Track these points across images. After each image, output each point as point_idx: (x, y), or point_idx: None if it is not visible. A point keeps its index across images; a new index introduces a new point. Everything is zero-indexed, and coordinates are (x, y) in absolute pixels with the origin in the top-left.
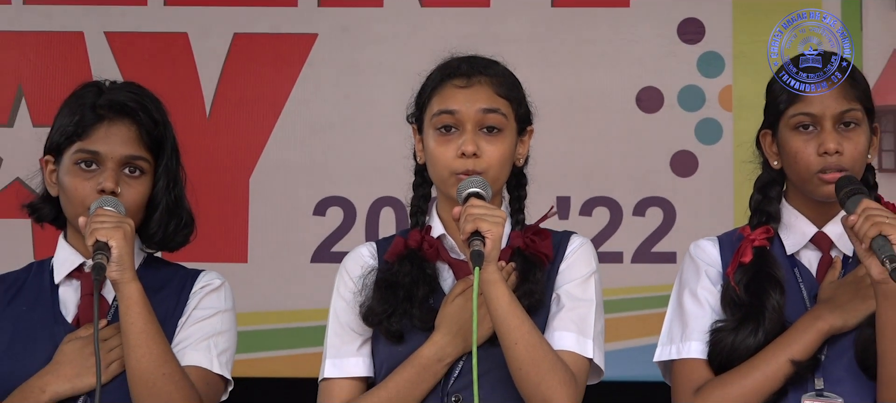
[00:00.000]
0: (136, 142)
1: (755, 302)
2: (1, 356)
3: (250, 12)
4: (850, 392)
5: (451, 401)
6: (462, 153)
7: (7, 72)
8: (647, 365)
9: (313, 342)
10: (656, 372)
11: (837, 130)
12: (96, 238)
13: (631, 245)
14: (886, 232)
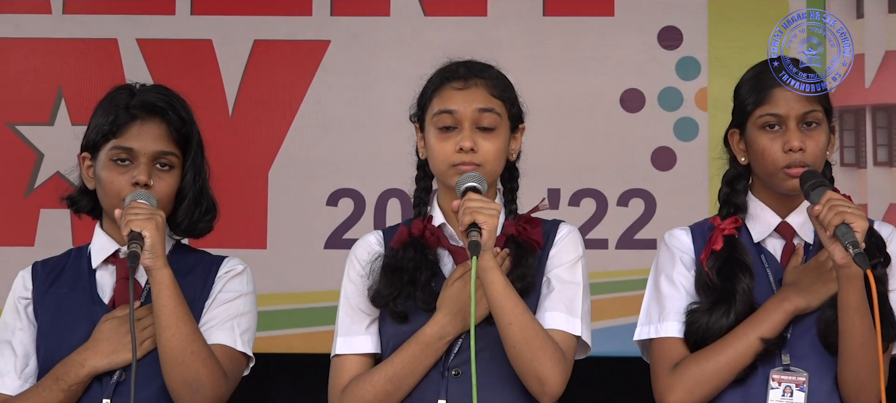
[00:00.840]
0: (165, 138)
1: (727, 286)
2: (43, 334)
3: (269, 21)
4: (814, 366)
5: (451, 375)
6: (460, 148)
7: (48, 76)
8: (631, 342)
9: (326, 321)
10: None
11: (801, 129)
12: (131, 228)
13: (615, 232)
14: (849, 221)
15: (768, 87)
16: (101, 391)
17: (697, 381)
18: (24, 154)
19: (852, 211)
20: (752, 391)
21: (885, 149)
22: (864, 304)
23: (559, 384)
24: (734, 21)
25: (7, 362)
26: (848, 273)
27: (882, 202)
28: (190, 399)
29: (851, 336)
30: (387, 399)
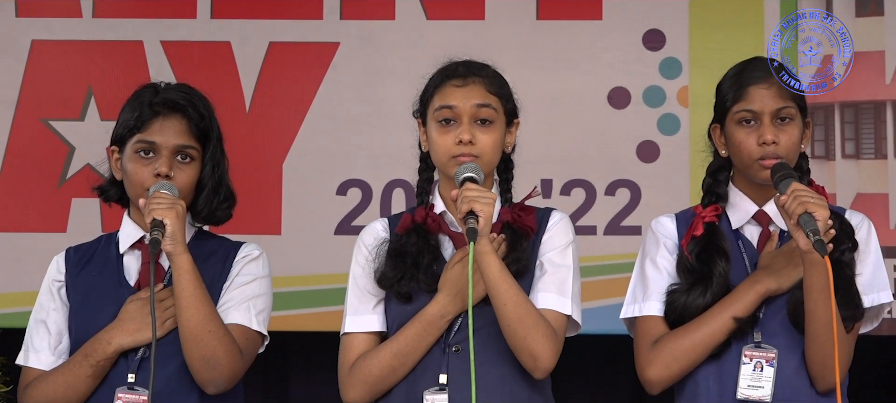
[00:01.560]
0: (186, 133)
1: (705, 269)
2: (74, 314)
3: (283, 24)
4: (783, 344)
5: (451, 352)
6: (459, 141)
7: (79, 75)
8: (619, 321)
9: (337, 301)
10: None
11: (775, 124)
12: (153, 217)
13: (603, 220)
14: (811, 210)
15: (745, 86)
16: (126, 366)
17: (675, 356)
18: (56, 147)
19: (814, 201)
20: (726, 366)
21: (853, 142)
22: (827, 287)
23: (551, 359)
24: (713, 25)
25: (42, 340)
26: (811, 258)
27: (849, 192)
28: (208, 376)
29: (816, 317)
30: (392, 373)
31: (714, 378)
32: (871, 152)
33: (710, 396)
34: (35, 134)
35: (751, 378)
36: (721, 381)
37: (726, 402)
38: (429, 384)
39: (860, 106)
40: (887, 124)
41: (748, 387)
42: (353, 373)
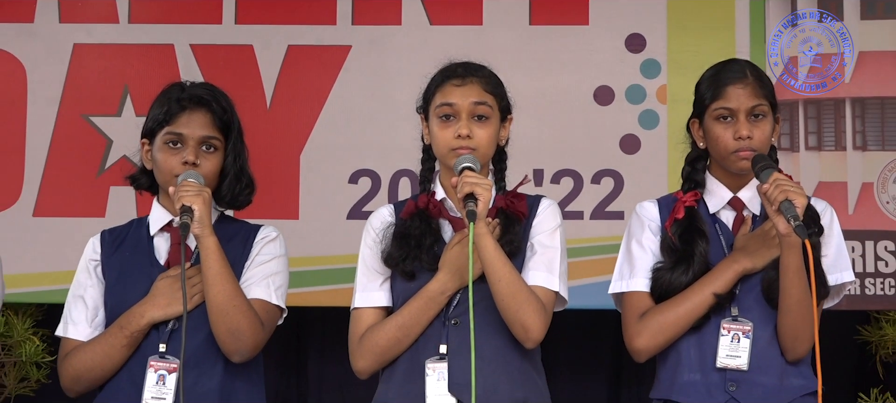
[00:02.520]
0: (210, 125)
1: (686, 249)
2: (110, 290)
3: (301, 29)
4: (758, 318)
5: (451, 324)
6: (458, 135)
7: (116, 75)
8: (602, 297)
9: (347, 279)
10: (609, 302)
11: (749, 120)
12: (182, 203)
13: (589, 205)
14: (791, 197)
15: (722, 85)
16: (158, 337)
17: (660, 328)
18: (96, 140)
19: (794, 190)
20: (706, 337)
21: (815, 136)
22: (802, 267)
23: (540, 331)
24: (689, 29)
25: (80, 313)
26: (789, 241)
27: (812, 180)
28: (234, 346)
29: (790, 293)
30: (397, 344)
31: (695, 349)
32: (831, 145)
33: (691, 365)
34: (76, 128)
35: (728, 349)
36: (701, 351)
37: (706, 370)
38: (430, 353)
39: (822, 103)
40: (846, 119)
41: (726, 357)
42: (362, 344)
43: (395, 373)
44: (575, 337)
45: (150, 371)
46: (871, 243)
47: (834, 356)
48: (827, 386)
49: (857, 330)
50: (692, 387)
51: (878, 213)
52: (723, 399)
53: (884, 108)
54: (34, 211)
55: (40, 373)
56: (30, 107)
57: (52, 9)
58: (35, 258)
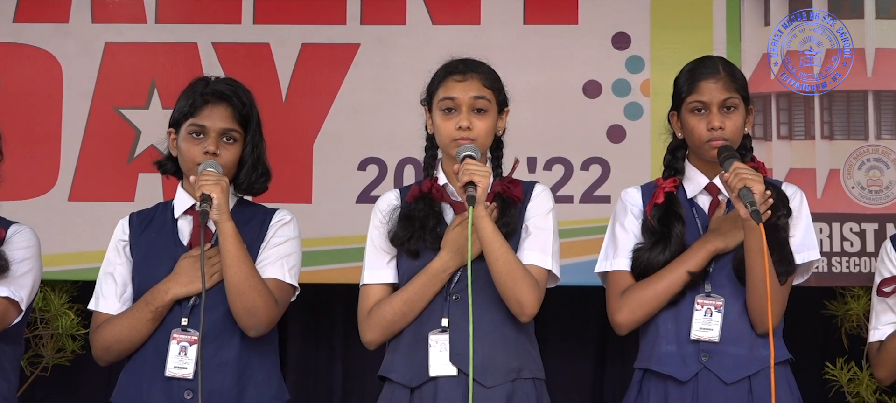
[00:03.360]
0: (230, 118)
1: (664, 231)
2: (137, 268)
3: (313, 28)
4: (729, 293)
5: (451, 300)
6: (459, 126)
7: (144, 70)
8: (591, 275)
9: (357, 259)
10: (597, 280)
11: (721, 112)
12: (202, 191)
13: (578, 190)
14: (749, 185)
15: (697, 80)
16: (180, 312)
17: (640, 303)
18: (126, 131)
19: (752, 178)
20: (682, 311)
21: (786, 126)
22: (762, 248)
23: (534, 306)
24: (670, 28)
25: (110, 289)
26: (749, 224)
27: (784, 167)
28: (250, 322)
29: (754, 272)
30: (402, 318)
31: (672, 322)
32: (801, 134)
33: (668, 337)
34: (108, 120)
35: (702, 322)
36: (678, 324)
37: (682, 342)
38: (433, 326)
39: (792, 96)
40: (815, 111)
41: (700, 329)
42: (371, 317)
43: (400, 344)
44: (565, 313)
45: (173, 343)
46: (837, 225)
47: (803, 329)
48: (797, 357)
49: (824, 304)
50: (669, 357)
51: (844, 197)
52: (697, 369)
53: (849, 102)
54: (69, 196)
55: (75, 344)
56: (65, 101)
57: (86, 10)
58: (70, 239)
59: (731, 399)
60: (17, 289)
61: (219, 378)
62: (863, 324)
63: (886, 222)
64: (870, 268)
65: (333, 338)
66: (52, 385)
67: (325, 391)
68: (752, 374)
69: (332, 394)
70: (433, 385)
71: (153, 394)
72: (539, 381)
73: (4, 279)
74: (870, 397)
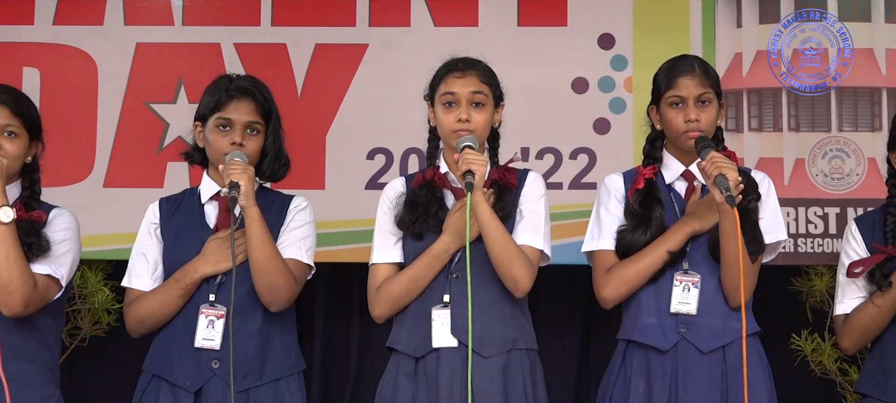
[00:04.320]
0: (254, 112)
1: (645, 214)
2: (167, 249)
3: (326, 30)
4: (705, 271)
5: (452, 278)
6: (459, 119)
7: (172, 68)
8: (578, 255)
9: (366, 240)
10: (584, 259)
11: (697, 106)
12: (231, 179)
13: (567, 178)
14: (724, 172)
15: (675, 77)
16: (208, 289)
17: (622, 280)
18: (156, 123)
19: (726, 165)
20: (662, 287)
21: (757, 119)
22: (736, 230)
23: (528, 282)
24: (651, 30)
25: (142, 267)
26: (724, 208)
27: (754, 156)
28: (272, 298)
29: (727, 251)
30: (408, 294)
31: (653, 297)
32: (770, 127)
33: (650, 310)
34: (139, 113)
35: (680, 297)
36: (658, 299)
37: (662, 315)
38: (435, 302)
39: (762, 92)
40: (783, 106)
41: (679, 304)
42: (379, 294)
43: (406, 318)
44: (555, 289)
45: (202, 317)
46: (802, 209)
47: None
48: (765, 329)
49: (790, 281)
50: (650, 329)
51: (808, 184)
52: (676, 340)
53: (813, 97)
54: (104, 183)
55: (110, 318)
56: (100, 97)
57: (118, 13)
58: (105, 222)
59: (706, 366)
60: (57, 267)
61: (243, 348)
62: (826, 299)
63: (847, 206)
64: (832, 249)
65: (349, 313)
66: (90, 355)
67: (342, 360)
68: (726, 344)
69: (348, 363)
70: (436, 356)
71: (183, 364)
72: (532, 351)
73: (46, 258)
74: (831, 365)
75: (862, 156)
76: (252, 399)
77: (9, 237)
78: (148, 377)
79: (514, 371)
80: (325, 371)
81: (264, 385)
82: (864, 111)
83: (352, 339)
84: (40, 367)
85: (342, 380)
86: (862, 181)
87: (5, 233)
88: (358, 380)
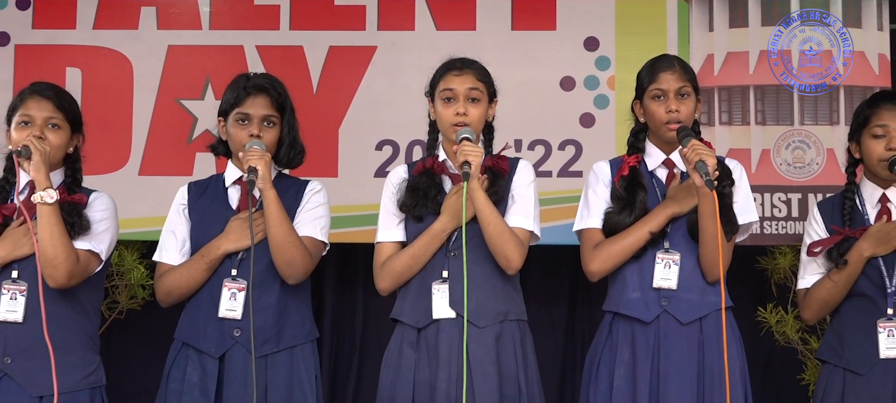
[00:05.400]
0: (269, 106)
1: (630, 197)
2: (194, 228)
3: (339, 34)
4: (684, 250)
5: (450, 256)
6: (457, 113)
7: (200, 68)
8: (565, 236)
9: (374, 222)
10: (572, 239)
11: (677, 98)
12: (249, 164)
13: (556, 166)
14: (704, 158)
15: (657, 72)
16: (230, 264)
17: (608, 256)
18: (185, 118)
19: (706, 153)
20: (645, 264)
21: (726, 113)
22: (714, 212)
23: (519, 261)
24: (632, 33)
25: (171, 244)
26: (703, 192)
27: (724, 147)
28: (289, 272)
29: (706, 231)
30: (410, 270)
31: (636, 273)
32: (739, 120)
33: (634, 285)
34: (171, 109)
35: (662, 273)
36: (641, 275)
37: (645, 289)
38: (435, 277)
39: (731, 89)
40: (750, 102)
41: (660, 279)
42: (384, 269)
43: (408, 292)
44: (544, 266)
45: (225, 290)
46: (768, 195)
47: (740, 279)
48: (735, 302)
49: (757, 260)
50: (634, 303)
51: (773, 172)
52: (658, 312)
53: (778, 94)
54: (139, 172)
55: (145, 293)
56: (135, 94)
57: (152, 18)
58: (140, 206)
59: (685, 336)
60: (97, 244)
61: (262, 318)
62: (789, 276)
63: (808, 192)
64: (795, 231)
65: (356, 288)
66: (126, 327)
67: (350, 331)
68: (703, 317)
69: (355, 334)
70: (436, 326)
71: (208, 332)
72: (523, 322)
73: (87, 235)
74: (794, 335)
75: (821, 148)
76: (270, 364)
77: (53, 216)
78: (178, 345)
79: (507, 341)
80: (335, 341)
81: (281, 352)
82: (824, 107)
83: (357, 312)
84: (82, 336)
85: (350, 349)
86: (821, 170)
87: (50, 213)
88: (364, 349)
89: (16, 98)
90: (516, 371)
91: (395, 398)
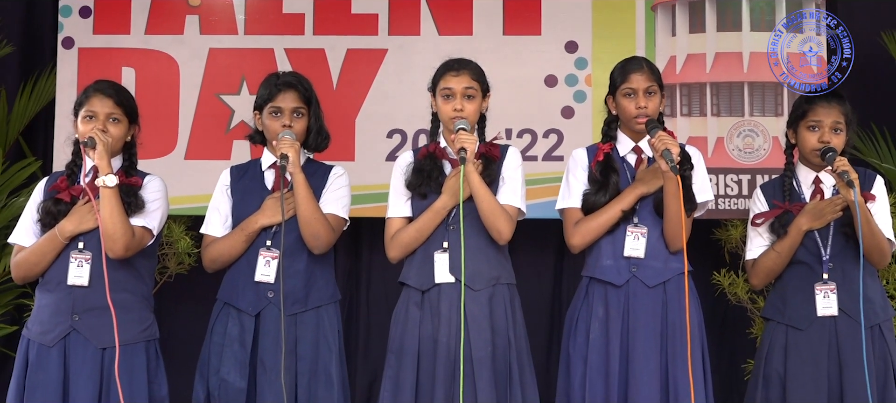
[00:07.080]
0: (298, 99)
1: (604, 180)
2: (235, 205)
3: (355, 38)
4: (651, 224)
5: (450, 229)
6: (455, 108)
7: (236, 67)
8: (548, 212)
9: (385, 199)
10: (555, 215)
11: (645, 95)
12: (281, 151)
13: (541, 152)
14: (669, 147)
15: (628, 73)
16: (266, 236)
17: (588, 230)
18: (224, 111)
19: (671, 142)
20: (618, 237)
21: (686, 106)
22: (677, 192)
23: (508, 233)
24: (607, 38)
25: (216, 219)
26: (668, 176)
27: (684, 135)
28: (314, 243)
29: (670, 208)
30: (415, 242)
31: (610, 244)
32: (697, 112)
33: (607, 254)
34: (212, 103)
35: (631, 244)
36: (614, 245)
37: (617, 257)
38: (437, 247)
39: (692, 86)
40: (707, 96)
41: (630, 249)
42: (393, 241)
43: (414, 260)
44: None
45: (260, 257)
46: (722, 176)
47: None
48: (694, 268)
49: (713, 231)
50: (608, 269)
51: (727, 157)
52: (628, 277)
53: (731, 89)
54: (185, 156)
55: (191, 259)
56: (181, 90)
57: (195, 25)
58: (186, 186)
59: (651, 298)
60: (150, 221)
61: (292, 282)
62: (740, 245)
63: (756, 174)
64: (745, 207)
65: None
66: (175, 288)
67: (364, 293)
68: (666, 280)
69: (368, 295)
70: (438, 289)
71: (246, 294)
72: (512, 286)
73: (141, 213)
74: (744, 296)
75: (768, 135)
76: (299, 321)
77: (114, 197)
78: (220, 304)
79: (498, 301)
80: (351, 303)
81: (308, 311)
82: (770, 100)
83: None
84: (138, 297)
85: (364, 309)
86: (768, 155)
87: (111, 195)
88: (374, 309)
89: (81, 94)
90: (506, 327)
91: (403, 349)
